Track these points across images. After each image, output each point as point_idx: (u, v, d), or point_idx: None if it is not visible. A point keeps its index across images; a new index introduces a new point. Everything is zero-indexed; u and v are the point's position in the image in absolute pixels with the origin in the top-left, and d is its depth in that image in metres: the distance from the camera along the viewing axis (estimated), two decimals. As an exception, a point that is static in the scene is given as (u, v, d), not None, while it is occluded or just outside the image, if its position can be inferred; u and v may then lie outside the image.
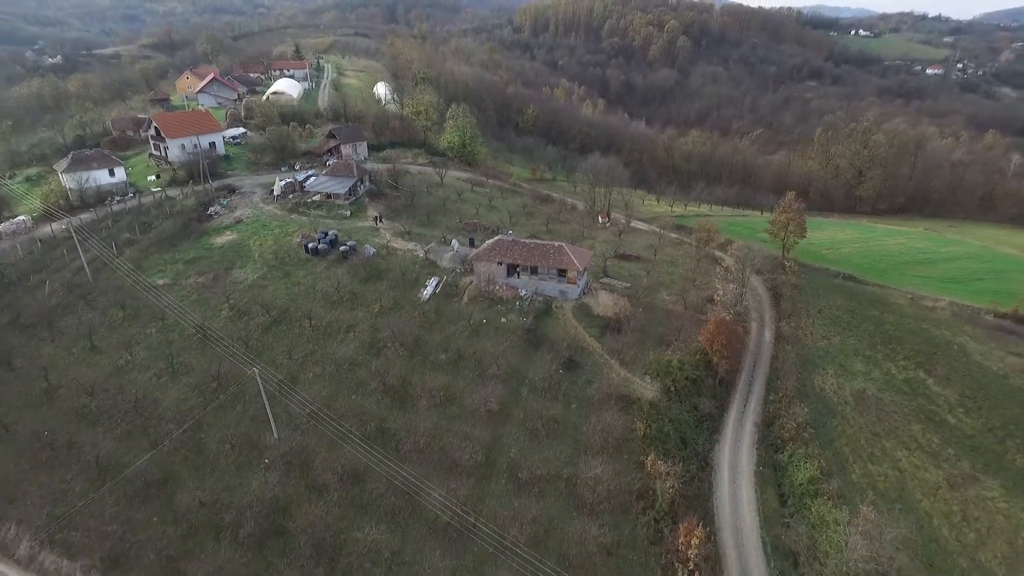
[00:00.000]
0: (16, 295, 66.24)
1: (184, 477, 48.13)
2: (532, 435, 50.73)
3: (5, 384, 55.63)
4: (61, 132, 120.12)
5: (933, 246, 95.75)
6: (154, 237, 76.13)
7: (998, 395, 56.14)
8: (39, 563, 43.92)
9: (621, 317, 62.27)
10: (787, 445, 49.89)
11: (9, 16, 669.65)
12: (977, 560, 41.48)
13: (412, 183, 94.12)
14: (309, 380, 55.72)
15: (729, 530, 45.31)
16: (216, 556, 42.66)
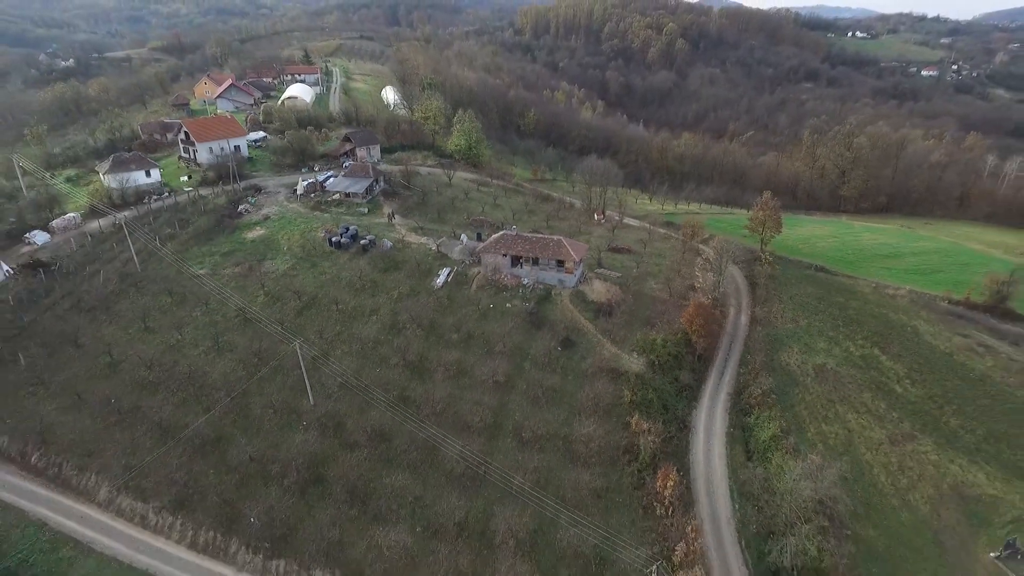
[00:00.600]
0: (74, 283, 74.30)
1: (234, 436, 56.09)
2: (534, 402, 58.66)
3: (74, 360, 63.69)
4: (92, 135, 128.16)
5: (904, 241, 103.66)
6: (192, 232, 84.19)
7: (942, 369, 64.03)
8: (116, 505, 51.97)
9: (612, 302, 70.19)
10: (754, 410, 57.79)
11: (17, 18, 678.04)
12: (907, 500, 49.38)
13: (423, 183, 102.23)
14: (339, 356, 63.66)
15: (702, 480, 53.21)
16: (266, 499, 50.62)
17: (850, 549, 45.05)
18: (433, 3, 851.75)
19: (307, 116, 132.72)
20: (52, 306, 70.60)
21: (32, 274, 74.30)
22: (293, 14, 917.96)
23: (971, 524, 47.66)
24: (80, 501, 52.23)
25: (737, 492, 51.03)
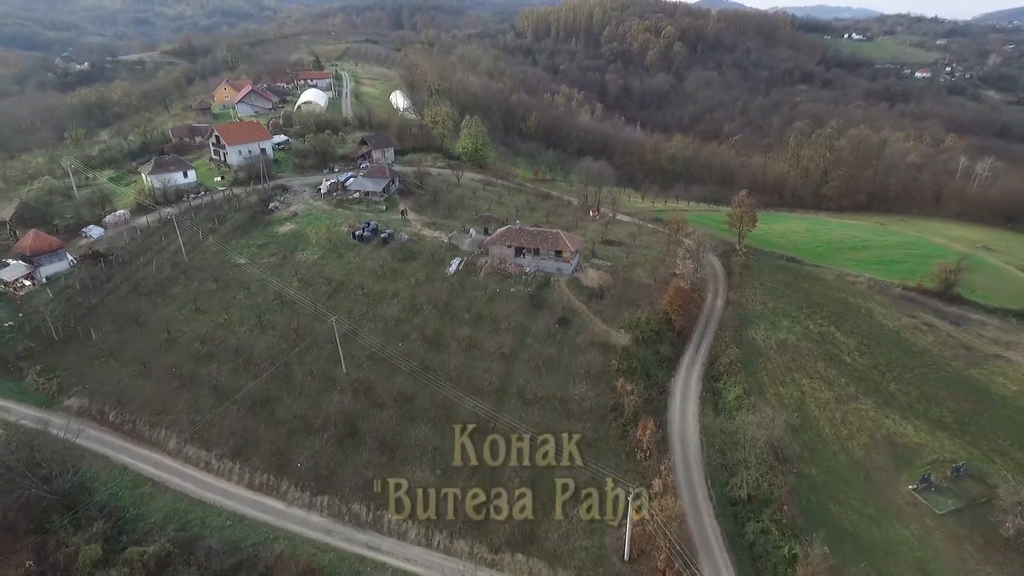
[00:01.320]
0: (130, 271, 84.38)
1: (281, 398, 66.03)
2: (535, 369, 68.54)
3: (138, 335, 73.79)
4: (126, 138, 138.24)
5: (873, 236, 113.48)
6: (229, 226, 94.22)
7: (888, 344, 73.87)
8: (184, 453, 61.94)
9: (604, 287, 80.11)
10: (723, 376, 67.65)
11: (27, 21, 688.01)
12: (845, 446, 59.22)
13: (434, 183, 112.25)
14: (366, 332, 73.57)
15: (677, 433, 63.05)
16: (310, 448, 60.52)
17: (793, 482, 54.90)
18: (435, 5, 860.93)
19: (324, 120, 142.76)
20: (113, 290, 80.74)
21: (93, 263, 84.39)
22: (297, 16, 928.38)
23: (897, 465, 57.50)
24: (153, 450, 62.18)
25: (705, 441, 60.89)
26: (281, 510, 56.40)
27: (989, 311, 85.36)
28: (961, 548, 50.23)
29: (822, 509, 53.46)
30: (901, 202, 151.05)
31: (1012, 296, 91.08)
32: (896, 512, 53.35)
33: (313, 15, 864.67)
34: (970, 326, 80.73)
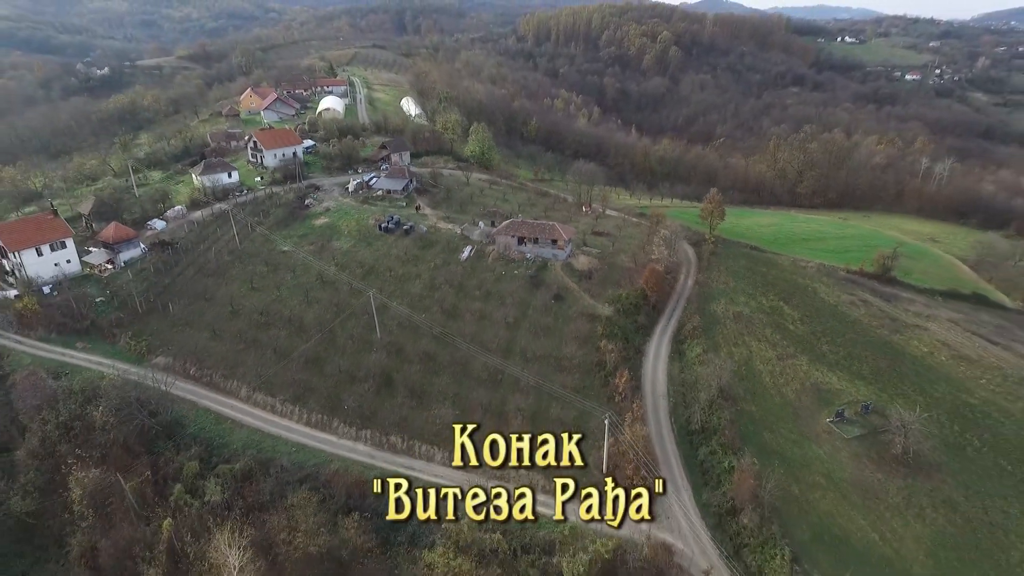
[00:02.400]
0: (193, 256, 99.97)
1: (328, 357, 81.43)
2: (534, 335, 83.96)
3: (207, 308, 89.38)
4: (168, 142, 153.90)
5: (833, 229, 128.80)
6: (272, 219, 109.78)
7: (826, 315, 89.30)
8: (253, 399, 77.31)
9: (592, 270, 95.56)
10: (687, 339, 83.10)
11: (40, 25, 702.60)
12: (780, 391, 74.62)
13: (446, 182, 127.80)
14: (395, 305, 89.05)
15: (648, 382, 78.42)
16: (355, 394, 75.84)
17: (736, 416, 70.29)
18: (438, 8, 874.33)
19: (345, 126, 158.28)
20: (182, 272, 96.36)
21: (161, 250, 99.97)
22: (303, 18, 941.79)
23: (819, 405, 72.90)
24: (228, 397, 77.53)
25: (670, 387, 76.39)
26: (333, 441, 71.70)
27: (919, 291, 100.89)
28: (860, 462, 65.70)
29: (757, 436, 68.89)
30: (867, 200, 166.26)
31: (941, 279, 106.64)
32: (814, 438, 68.84)
33: (318, 18, 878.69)
34: (899, 302, 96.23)
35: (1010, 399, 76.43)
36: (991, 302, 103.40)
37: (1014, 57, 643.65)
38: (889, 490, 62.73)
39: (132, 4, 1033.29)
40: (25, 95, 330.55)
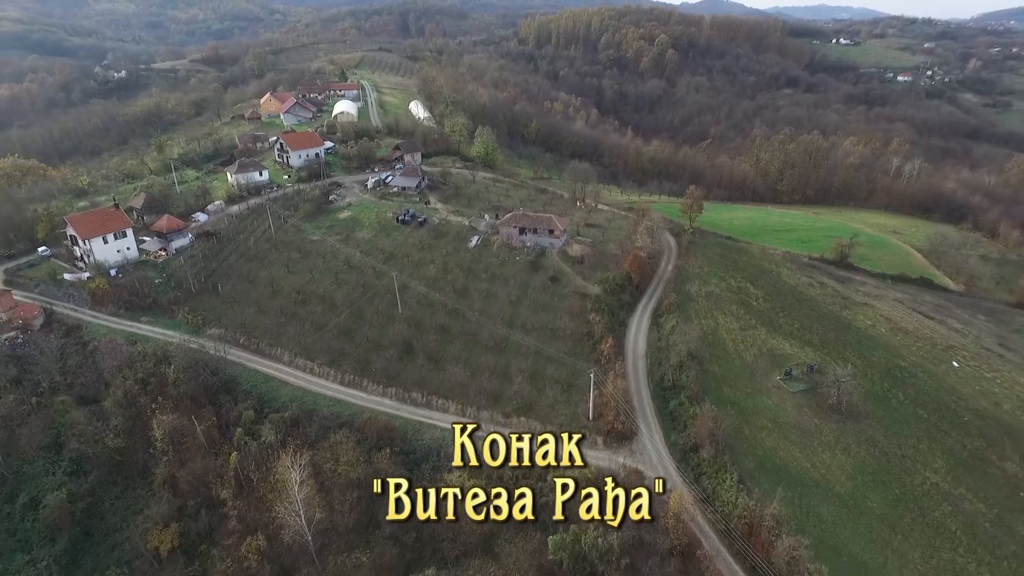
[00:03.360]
0: (235, 244, 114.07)
1: (357, 328, 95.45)
2: (533, 310, 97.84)
3: (251, 288, 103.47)
4: (199, 143, 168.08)
5: (802, 222, 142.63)
6: (302, 213, 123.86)
7: (787, 295, 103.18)
8: (295, 363, 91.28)
9: (584, 256, 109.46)
10: (664, 313, 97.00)
11: (52, 27, 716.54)
12: (740, 355, 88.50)
13: (455, 180, 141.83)
14: (412, 285, 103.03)
15: (630, 349, 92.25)
16: (381, 359, 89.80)
17: (701, 375, 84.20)
18: (440, 9, 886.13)
19: (360, 129, 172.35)
20: (226, 258, 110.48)
21: (206, 240, 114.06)
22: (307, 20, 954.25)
23: (772, 366, 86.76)
24: (273, 362, 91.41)
25: (648, 352, 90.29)
26: (364, 397, 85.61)
27: (872, 275, 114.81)
28: (801, 410, 79.67)
29: (717, 390, 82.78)
30: (842, 196, 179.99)
31: (894, 265, 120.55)
32: (765, 392, 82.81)
33: (322, 20, 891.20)
34: (852, 284, 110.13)
35: (935, 363, 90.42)
36: (936, 285, 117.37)
37: (1007, 58, 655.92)
38: (823, 431, 76.77)
39: (139, 6, 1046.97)
40: (47, 98, 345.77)
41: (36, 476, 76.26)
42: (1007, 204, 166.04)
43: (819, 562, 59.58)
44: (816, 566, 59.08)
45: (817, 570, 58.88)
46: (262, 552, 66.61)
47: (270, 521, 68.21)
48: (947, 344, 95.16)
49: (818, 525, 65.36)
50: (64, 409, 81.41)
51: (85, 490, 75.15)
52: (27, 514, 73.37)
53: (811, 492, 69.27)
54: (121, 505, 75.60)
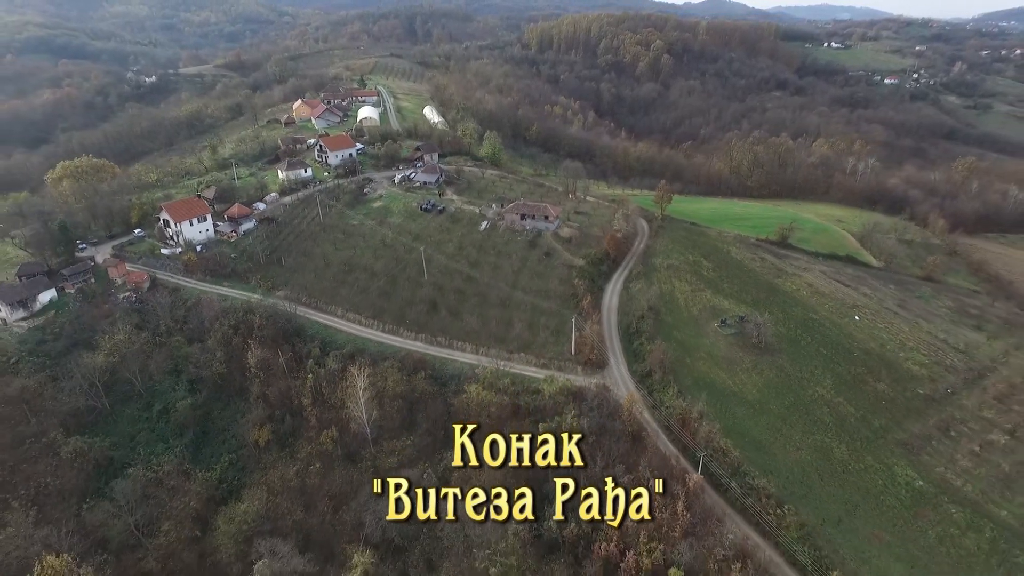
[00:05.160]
0: (290, 228, 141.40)
1: (394, 290, 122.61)
2: (531, 276, 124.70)
3: (308, 261, 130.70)
4: (247, 145, 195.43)
5: (759, 212, 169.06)
6: (342, 203, 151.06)
7: (732, 267, 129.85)
8: (346, 316, 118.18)
9: (572, 237, 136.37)
10: (633, 280, 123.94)
11: (74, 32, 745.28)
12: (689, 310, 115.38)
13: (467, 176, 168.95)
14: (435, 258, 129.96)
15: (606, 305, 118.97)
16: (414, 312, 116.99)
17: (657, 324, 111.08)
18: (446, 12, 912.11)
19: (384, 132, 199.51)
20: (285, 238, 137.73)
21: (267, 224, 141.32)
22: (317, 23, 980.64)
23: (713, 317, 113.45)
24: (330, 316, 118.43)
25: (618, 307, 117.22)
26: (401, 340, 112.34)
27: (807, 253, 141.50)
28: (731, 347, 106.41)
29: (669, 334, 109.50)
30: (803, 191, 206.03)
31: (828, 246, 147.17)
32: (705, 335, 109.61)
33: (332, 23, 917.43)
34: (788, 260, 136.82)
35: (840, 316, 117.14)
36: (859, 262, 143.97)
37: (995, 60, 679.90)
38: (744, 361, 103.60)
39: (152, 8, 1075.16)
40: (85, 101, 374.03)
41: (164, 392, 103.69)
42: (943, 198, 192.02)
43: (728, 440, 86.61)
44: (725, 440, 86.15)
45: (726, 443, 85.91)
46: (335, 440, 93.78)
47: (340, 419, 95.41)
48: (853, 303, 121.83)
49: (732, 419, 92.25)
50: (179, 346, 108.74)
51: (200, 402, 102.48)
52: (161, 418, 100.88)
53: (729, 399, 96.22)
54: (227, 413, 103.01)
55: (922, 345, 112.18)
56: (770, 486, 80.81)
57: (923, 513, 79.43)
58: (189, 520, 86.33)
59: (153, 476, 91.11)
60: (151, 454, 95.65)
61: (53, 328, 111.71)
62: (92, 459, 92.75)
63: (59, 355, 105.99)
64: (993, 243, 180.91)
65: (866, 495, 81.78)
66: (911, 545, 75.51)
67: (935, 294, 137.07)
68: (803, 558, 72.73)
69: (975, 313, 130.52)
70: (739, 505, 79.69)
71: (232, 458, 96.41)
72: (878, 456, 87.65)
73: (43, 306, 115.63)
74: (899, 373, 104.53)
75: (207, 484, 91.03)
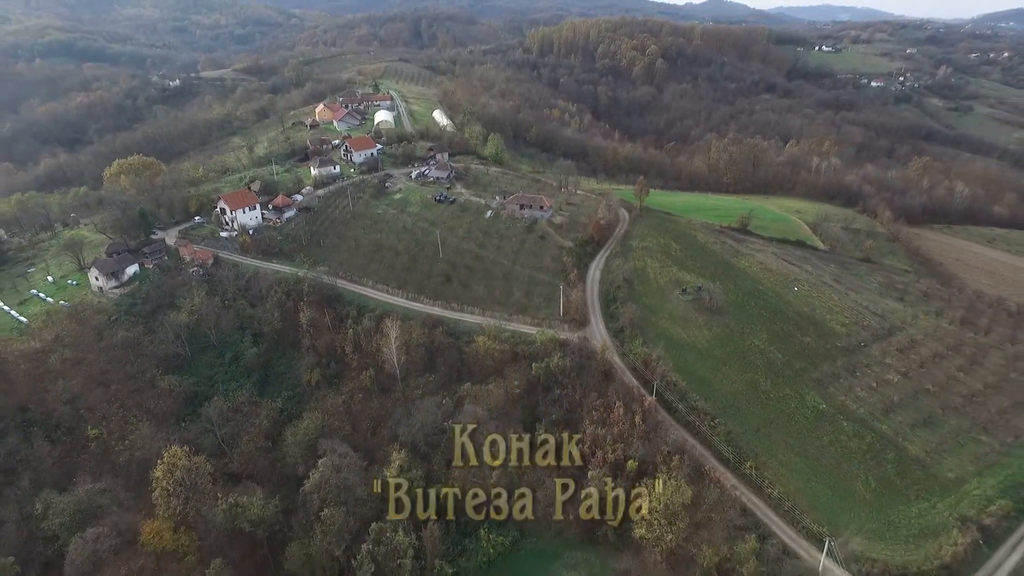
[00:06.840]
0: (325, 215, 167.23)
1: (416, 266, 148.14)
2: (528, 255, 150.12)
3: (343, 242, 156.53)
4: (279, 145, 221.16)
5: (728, 204, 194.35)
6: (368, 195, 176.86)
7: (697, 248, 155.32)
8: (376, 287, 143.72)
9: (563, 224, 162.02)
10: (613, 258, 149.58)
11: (92, 35, 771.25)
12: (658, 281, 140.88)
13: (474, 173, 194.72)
14: (449, 240, 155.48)
15: (590, 278, 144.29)
16: (431, 284, 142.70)
17: (630, 291, 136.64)
18: (450, 15, 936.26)
19: (399, 134, 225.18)
20: (321, 224, 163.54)
21: (305, 212, 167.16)
22: (325, 25, 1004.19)
23: (676, 287, 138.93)
24: (363, 286, 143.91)
25: (599, 278, 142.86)
26: (421, 307, 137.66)
27: (763, 238, 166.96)
28: (688, 310, 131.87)
29: (639, 299, 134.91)
30: (773, 187, 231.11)
31: (784, 232, 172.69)
32: (668, 301, 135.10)
33: (339, 25, 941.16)
34: (745, 243, 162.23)
35: (782, 288, 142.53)
36: (808, 246, 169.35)
37: (983, 63, 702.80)
38: (698, 320, 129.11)
39: (163, 11, 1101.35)
40: (115, 104, 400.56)
41: (234, 343, 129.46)
42: (894, 193, 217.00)
43: (678, 375, 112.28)
44: (676, 376, 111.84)
45: (676, 378, 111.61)
46: (372, 378, 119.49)
47: (375, 363, 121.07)
48: (795, 278, 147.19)
49: (683, 362, 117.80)
50: (243, 308, 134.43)
51: (262, 351, 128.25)
52: (232, 363, 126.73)
53: (683, 348, 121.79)
54: (284, 360, 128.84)
55: (847, 310, 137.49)
56: (708, 407, 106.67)
57: (822, 426, 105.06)
58: (261, 436, 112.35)
59: (230, 405, 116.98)
60: (227, 390, 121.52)
61: (139, 294, 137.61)
62: (183, 392, 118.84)
63: (148, 315, 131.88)
64: (936, 233, 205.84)
65: (780, 414, 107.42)
66: (809, 446, 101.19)
67: (870, 272, 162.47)
68: (728, 455, 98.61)
69: (900, 288, 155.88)
70: (684, 420, 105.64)
71: (290, 393, 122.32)
72: (795, 388, 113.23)
73: (129, 277, 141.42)
74: (823, 330, 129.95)
75: (272, 411, 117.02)
